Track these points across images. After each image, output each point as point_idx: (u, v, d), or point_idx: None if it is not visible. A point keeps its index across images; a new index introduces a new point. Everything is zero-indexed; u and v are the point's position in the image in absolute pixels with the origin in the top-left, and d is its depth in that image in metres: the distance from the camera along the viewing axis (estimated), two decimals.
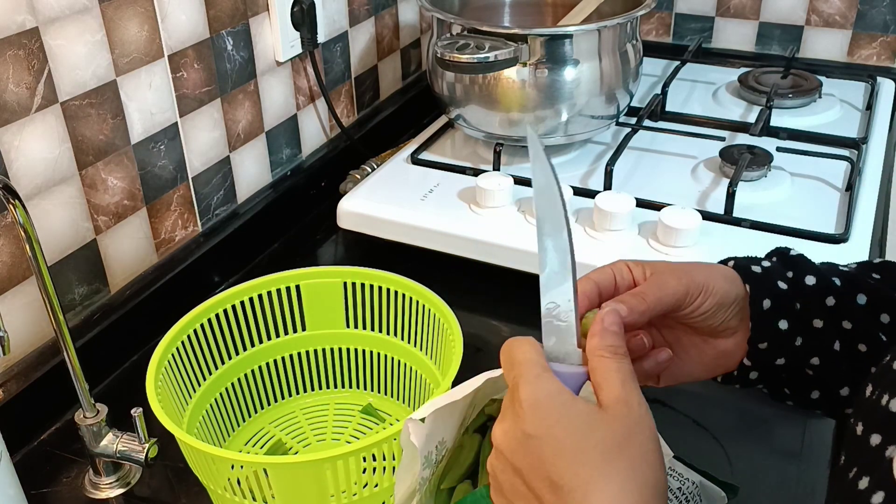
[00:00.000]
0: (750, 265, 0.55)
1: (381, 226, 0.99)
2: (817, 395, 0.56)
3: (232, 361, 0.76)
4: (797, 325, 0.54)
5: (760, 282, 0.54)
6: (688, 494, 0.60)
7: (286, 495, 0.61)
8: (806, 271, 0.55)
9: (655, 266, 0.54)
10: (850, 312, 0.54)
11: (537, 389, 0.44)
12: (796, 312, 0.54)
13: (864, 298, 0.54)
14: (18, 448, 0.76)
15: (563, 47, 0.99)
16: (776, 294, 0.53)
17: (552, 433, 0.42)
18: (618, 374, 0.45)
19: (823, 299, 0.54)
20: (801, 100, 1.22)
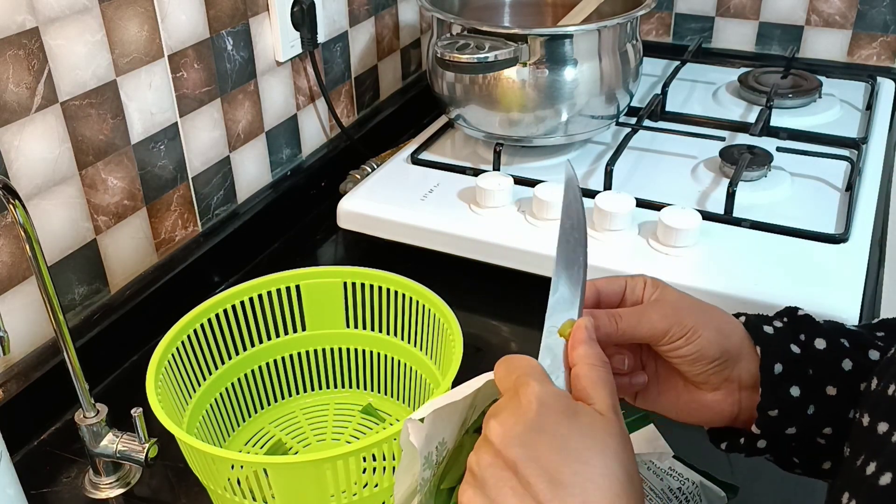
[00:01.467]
0: (762, 325, 0.53)
1: (381, 226, 0.99)
2: (829, 465, 0.53)
3: (232, 361, 0.76)
4: (809, 393, 0.51)
5: (772, 344, 0.52)
6: (688, 494, 0.60)
7: (286, 495, 0.61)
8: (816, 333, 0.52)
9: (664, 294, 0.52)
10: (864, 373, 0.51)
11: (545, 387, 0.44)
12: (809, 378, 0.51)
13: (876, 354, 0.52)
14: (18, 448, 0.76)
15: (563, 47, 0.99)
16: (788, 359, 0.51)
17: (558, 429, 0.42)
18: (609, 385, 0.45)
19: (839, 363, 0.51)
20: (801, 100, 1.22)
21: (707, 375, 0.52)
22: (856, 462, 0.41)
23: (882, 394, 0.41)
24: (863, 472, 0.39)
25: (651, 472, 0.60)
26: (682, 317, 0.51)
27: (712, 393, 0.53)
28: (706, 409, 0.53)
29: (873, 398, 0.42)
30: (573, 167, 0.54)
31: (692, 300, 0.53)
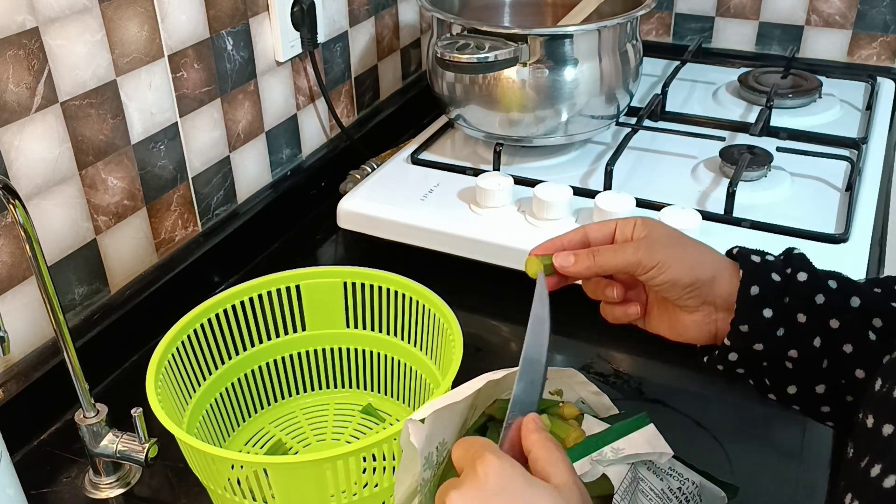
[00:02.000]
0: (751, 254, 0.58)
1: (381, 226, 0.99)
2: (794, 390, 0.57)
3: (232, 361, 0.76)
4: (781, 317, 0.55)
5: (754, 271, 0.57)
6: (688, 494, 0.60)
7: (286, 495, 0.61)
8: (802, 268, 0.57)
9: (651, 231, 0.59)
10: (839, 312, 0.55)
11: (503, 460, 0.46)
12: (783, 305, 0.56)
13: (857, 301, 0.55)
14: (18, 448, 0.76)
15: (563, 47, 0.99)
16: (767, 284, 0.56)
17: (519, 496, 0.44)
18: (564, 463, 0.47)
19: (813, 296, 0.55)
20: (801, 100, 1.22)
21: (684, 300, 0.58)
22: (860, 463, 0.41)
23: (887, 395, 0.41)
24: (867, 473, 0.39)
25: (651, 472, 0.60)
26: (654, 250, 0.57)
27: (692, 314, 0.59)
28: (690, 329, 0.60)
29: (877, 400, 0.42)
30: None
31: (673, 236, 0.59)
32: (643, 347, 0.86)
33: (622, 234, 0.59)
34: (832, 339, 0.55)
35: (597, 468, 0.56)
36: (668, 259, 0.57)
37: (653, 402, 0.80)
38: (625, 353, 0.86)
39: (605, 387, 0.74)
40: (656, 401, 0.80)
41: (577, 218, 0.95)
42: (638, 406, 0.77)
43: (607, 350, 0.86)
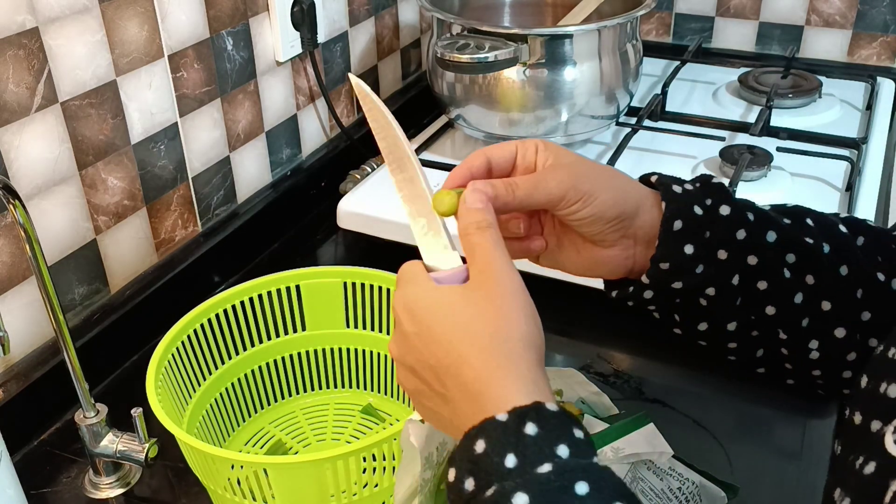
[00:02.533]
0: (672, 184, 0.55)
1: (381, 226, 0.99)
2: (705, 326, 0.56)
3: (232, 361, 0.76)
4: (702, 253, 0.53)
5: (677, 203, 0.53)
6: (688, 494, 0.60)
7: (286, 495, 0.61)
8: (723, 200, 0.54)
9: (558, 159, 0.53)
10: (757, 249, 0.53)
11: (405, 293, 0.47)
12: (704, 240, 0.53)
13: (773, 236, 0.54)
14: (18, 448, 0.76)
15: (563, 47, 0.99)
16: (689, 218, 0.53)
17: (423, 324, 0.45)
18: (480, 247, 0.47)
19: (734, 232, 0.53)
20: (801, 100, 1.22)
21: (605, 234, 0.53)
22: (848, 458, 0.41)
23: (873, 392, 0.41)
24: (854, 466, 0.39)
25: (651, 472, 0.60)
26: (579, 181, 0.52)
27: (609, 249, 0.54)
28: (603, 264, 0.55)
29: (865, 396, 0.42)
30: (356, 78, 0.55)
31: (588, 163, 0.54)
32: (643, 347, 0.86)
33: (523, 159, 0.54)
34: (749, 276, 0.53)
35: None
36: (595, 191, 0.52)
37: (653, 402, 0.80)
38: (625, 353, 0.86)
39: (605, 387, 0.74)
40: (656, 401, 0.80)
41: None
42: (638, 406, 0.77)
43: (607, 350, 0.86)
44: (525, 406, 0.41)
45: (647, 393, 0.81)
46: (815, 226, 0.55)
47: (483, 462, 0.40)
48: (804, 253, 0.53)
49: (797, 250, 0.53)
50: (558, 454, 0.39)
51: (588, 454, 0.40)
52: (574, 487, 0.38)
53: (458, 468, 0.41)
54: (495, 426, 0.41)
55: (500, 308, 0.44)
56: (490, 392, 0.42)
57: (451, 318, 0.45)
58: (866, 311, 0.54)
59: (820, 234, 0.54)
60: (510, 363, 0.43)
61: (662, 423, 0.60)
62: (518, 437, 0.40)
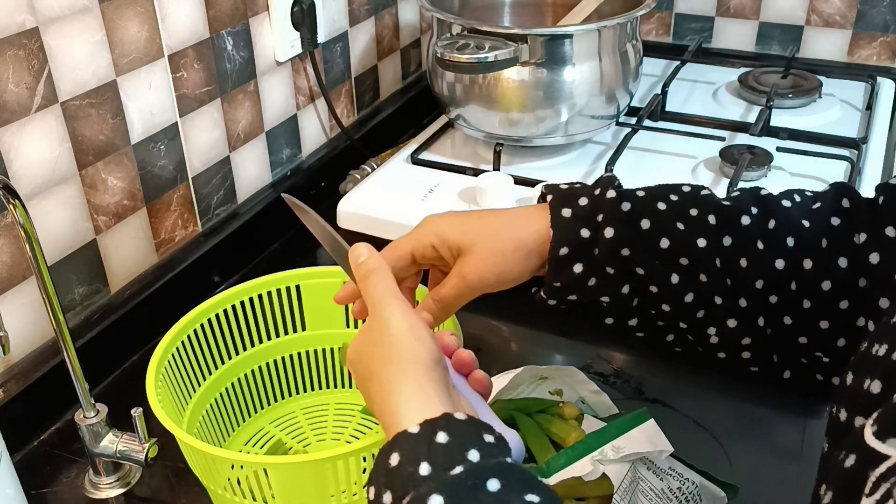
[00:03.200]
0: (562, 206, 0.58)
1: (381, 226, 0.99)
2: (611, 321, 0.60)
3: (232, 361, 0.76)
4: (591, 269, 0.57)
5: (565, 230, 0.58)
6: (687, 494, 0.60)
7: (286, 495, 0.61)
8: (611, 218, 0.57)
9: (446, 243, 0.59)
10: (644, 261, 0.56)
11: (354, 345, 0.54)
12: (593, 258, 0.57)
13: (666, 243, 0.56)
14: (18, 448, 0.76)
15: (563, 47, 0.99)
16: (576, 243, 0.57)
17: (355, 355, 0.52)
18: (366, 293, 0.53)
19: (619, 250, 0.57)
20: (801, 100, 1.22)
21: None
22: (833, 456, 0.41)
23: (857, 388, 0.41)
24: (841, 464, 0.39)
25: (651, 472, 0.60)
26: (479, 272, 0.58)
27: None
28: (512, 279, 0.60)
29: (849, 393, 0.42)
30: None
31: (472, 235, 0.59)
32: (643, 347, 0.86)
33: (423, 258, 0.61)
34: (638, 283, 0.57)
35: (598, 468, 0.56)
36: (488, 271, 0.58)
37: (653, 402, 0.80)
38: (625, 353, 0.86)
39: (605, 387, 0.74)
40: (656, 401, 0.80)
41: None
42: (638, 406, 0.77)
43: (607, 350, 0.86)
44: (435, 417, 0.43)
45: (647, 393, 0.81)
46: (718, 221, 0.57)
47: (398, 473, 0.42)
48: (696, 255, 0.56)
49: (689, 254, 0.56)
50: (469, 458, 0.41)
51: (499, 455, 0.42)
52: (486, 484, 0.39)
53: (376, 483, 0.43)
54: (407, 438, 0.43)
55: (386, 340, 0.49)
56: (395, 409, 0.46)
57: (360, 350, 0.51)
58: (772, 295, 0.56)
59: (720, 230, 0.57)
60: (404, 383, 0.47)
61: (662, 423, 0.60)
62: (429, 446, 0.42)
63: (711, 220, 0.56)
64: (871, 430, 0.37)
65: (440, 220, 0.61)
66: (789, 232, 0.56)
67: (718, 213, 0.57)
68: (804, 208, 0.58)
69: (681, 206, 0.58)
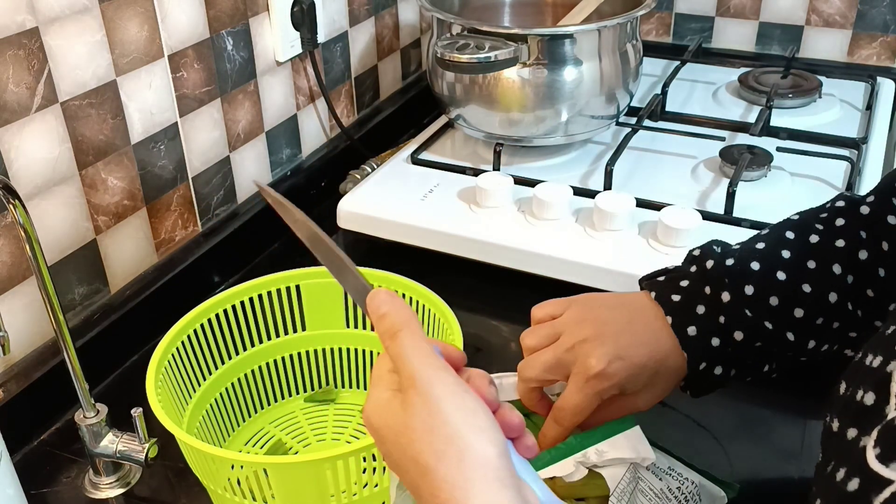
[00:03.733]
0: (685, 326, 0.59)
1: (381, 226, 0.99)
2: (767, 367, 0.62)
3: (232, 361, 0.76)
4: (724, 339, 0.59)
5: (696, 347, 0.59)
6: (687, 494, 0.60)
7: (286, 495, 0.61)
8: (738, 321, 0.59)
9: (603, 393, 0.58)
10: (767, 312, 0.58)
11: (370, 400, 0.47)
12: (721, 327, 0.59)
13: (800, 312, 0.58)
14: (18, 448, 0.76)
15: (563, 47, 0.99)
16: (711, 353, 0.59)
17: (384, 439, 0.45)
18: (396, 357, 0.45)
19: (743, 310, 0.58)
20: (801, 100, 1.22)
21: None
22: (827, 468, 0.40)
23: (850, 398, 0.41)
24: (833, 478, 0.39)
25: (650, 472, 0.60)
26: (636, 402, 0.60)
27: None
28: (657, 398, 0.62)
29: (842, 403, 0.42)
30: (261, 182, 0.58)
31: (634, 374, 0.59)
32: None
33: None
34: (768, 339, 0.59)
35: (581, 469, 0.56)
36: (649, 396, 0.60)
37: None
38: None
39: None
40: None
41: (577, 218, 0.95)
42: None
43: None
44: None
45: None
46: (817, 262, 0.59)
47: None
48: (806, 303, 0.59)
49: (800, 304, 0.59)
50: None
51: None
52: None
53: None
54: None
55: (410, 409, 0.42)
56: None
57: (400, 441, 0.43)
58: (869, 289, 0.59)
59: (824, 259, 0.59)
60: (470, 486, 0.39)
61: (662, 423, 0.60)
62: None
63: (836, 270, 0.59)
64: (873, 452, 0.36)
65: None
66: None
67: (840, 261, 0.59)
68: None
69: (800, 262, 0.60)
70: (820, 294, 0.58)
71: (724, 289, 0.59)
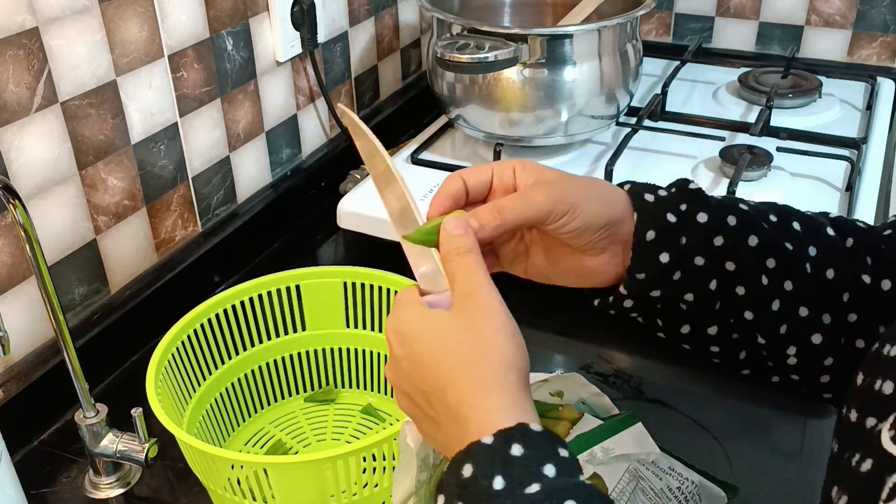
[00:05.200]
0: (644, 192, 0.54)
1: (381, 226, 0.99)
2: (687, 329, 0.56)
3: (232, 361, 0.76)
4: (678, 260, 0.53)
5: (650, 212, 0.53)
6: (687, 494, 0.60)
7: (286, 495, 0.61)
8: (700, 206, 0.54)
9: (539, 176, 0.53)
10: (736, 254, 0.53)
11: (397, 317, 0.48)
12: (680, 247, 0.53)
13: (755, 240, 0.53)
14: (18, 448, 0.76)
15: (563, 47, 0.99)
16: (663, 226, 0.53)
17: (413, 349, 0.46)
18: (460, 272, 0.47)
19: (711, 238, 0.53)
20: (801, 100, 1.22)
21: (594, 243, 0.53)
22: (844, 456, 0.41)
23: (868, 390, 0.41)
24: (849, 464, 0.39)
25: (650, 471, 0.60)
26: (566, 194, 0.52)
27: (598, 257, 0.54)
28: (592, 273, 0.55)
29: (860, 394, 0.42)
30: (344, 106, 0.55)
31: (570, 176, 0.54)
32: (643, 347, 0.86)
33: (500, 181, 0.53)
34: (727, 281, 0.53)
35: (587, 468, 0.56)
36: (581, 202, 0.52)
37: (653, 402, 0.80)
38: (625, 353, 0.86)
39: (605, 387, 0.74)
40: (656, 401, 0.80)
41: None
42: (638, 406, 0.77)
43: (607, 350, 0.86)
44: (510, 428, 0.41)
45: (647, 393, 0.81)
46: (802, 229, 0.55)
47: (472, 486, 0.40)
48: (784, 258, 0.53)
49: (777, 255, 0.53)
50: (545, 473, 0.40)
51: (574, 473, 0.41)
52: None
53: (448, 494, 0.41)
54: (481, 449, 0.41)
55: (483, 331, 0.45)
56: (474, 415, 0.42)
57: (436, 342, 0.45)
58: (853, 313, 0.54)
59: (806, 238, 0.54)
60: (493, 385, 0.43)
61: (662, 423, 0.60)
62: (505, 459, 0.40)
63: (796, 227, 0.54)
64: (888, 434, 0.36)
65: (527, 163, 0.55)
66: (868, 251, 0.55)
67: (801, 222, 0.55)
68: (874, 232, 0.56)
69: (761, 209, 0.55)
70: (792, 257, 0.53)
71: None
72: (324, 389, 0.81)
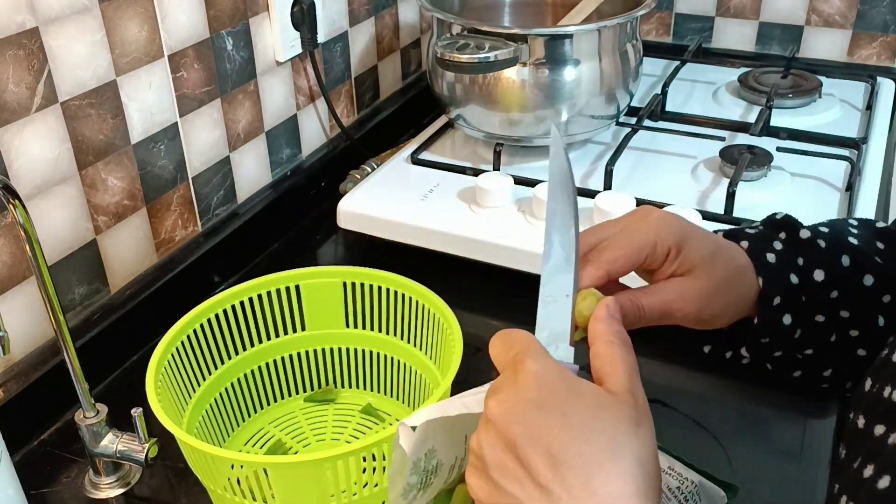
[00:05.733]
0: (764, 252, 0.53)
1: (381, 226, 0.99)
2: (799, 373, 0.57)
3: (232, 361, 0.76)
4: (799, 319, 0.53)
5: (774, 275, 0.52)
6: (687, 494, 0.60)
7: (286, 495, 0.61)
8: (815, 262, 0.53)
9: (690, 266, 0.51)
10: (851, 301, 0.53)
11: (547, 364, 0.42)
12: (801, 307, 0.53)
13: (870, 280, 0.53)
14: (18, 448, 0.76)
15: (563, 47, 0.99)
16: (787, 290, 0.53)
17: (561, 407, 0.40)
18: (625, 364, 0.44)
19: (829, 293, 0.53)
20: (801, 100, 1.22)
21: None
22: (853, 464, 0.41)
23: (878, 396, 0.41)
24: (860, 474, 0.39)
25: None
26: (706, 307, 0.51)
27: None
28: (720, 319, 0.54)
29: (868, 400, 0.42)
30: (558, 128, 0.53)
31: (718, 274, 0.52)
32: (643, 347, 0.86)
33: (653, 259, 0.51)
34: (844, 329, 0.54)
35: None
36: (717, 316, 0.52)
37: (653, 402, 0.79)
38: None
39: None
40: (656, 401, 0.80)
41: None
42: None
43: None
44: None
45: (648, 393, 0.81)
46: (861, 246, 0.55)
47: None
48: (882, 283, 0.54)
49: (893, 290, 0.54)
50: None
51: None
52: None
53: None
54: None
55: (647, 439, 0.41)
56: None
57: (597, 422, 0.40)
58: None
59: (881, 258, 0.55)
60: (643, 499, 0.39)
61: (662, 423, 0.60)
62: None
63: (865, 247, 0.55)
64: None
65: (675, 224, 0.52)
66: None
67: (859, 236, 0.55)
68: None
69: (869, 238, 0.55)
70: None
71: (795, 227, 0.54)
72: (323, 389, 0.81)
